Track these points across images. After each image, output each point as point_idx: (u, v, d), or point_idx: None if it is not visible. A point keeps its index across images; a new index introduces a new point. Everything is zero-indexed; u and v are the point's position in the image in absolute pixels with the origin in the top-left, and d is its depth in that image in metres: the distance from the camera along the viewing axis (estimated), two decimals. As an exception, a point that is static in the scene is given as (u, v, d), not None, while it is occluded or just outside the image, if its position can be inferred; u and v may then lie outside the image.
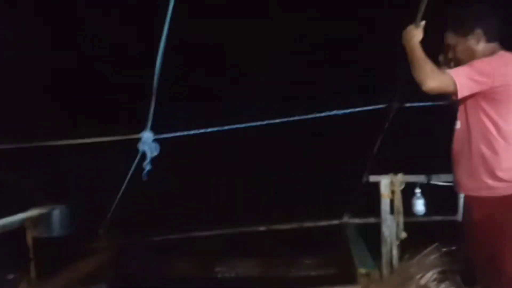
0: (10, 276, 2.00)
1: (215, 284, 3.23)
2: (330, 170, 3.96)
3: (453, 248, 2.76)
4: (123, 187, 3.26)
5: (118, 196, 3.34)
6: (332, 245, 3.56)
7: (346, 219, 3.99)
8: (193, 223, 3.95)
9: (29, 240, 2.07)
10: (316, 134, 3.79)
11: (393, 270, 2.79)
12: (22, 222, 2.06)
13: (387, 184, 2.90)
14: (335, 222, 4.00)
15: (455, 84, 1.82)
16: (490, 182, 1.90)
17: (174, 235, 3.89)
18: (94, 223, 3.50)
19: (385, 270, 2.80)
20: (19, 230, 2.10)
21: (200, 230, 3.97)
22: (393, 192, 2.89)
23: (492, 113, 1.88)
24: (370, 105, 3.48)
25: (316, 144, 4.12)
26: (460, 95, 1.85)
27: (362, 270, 2.79)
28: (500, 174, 1.89)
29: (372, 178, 3.00)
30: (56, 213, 2.21)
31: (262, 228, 3.95)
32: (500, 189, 1.89)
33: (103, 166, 3.54)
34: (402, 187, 2.91)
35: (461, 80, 1.83)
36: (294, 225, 3.96)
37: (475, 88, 1.85)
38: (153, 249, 3.73)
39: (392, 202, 2.90)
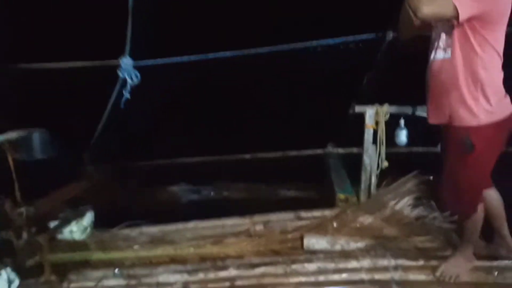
0: (-5, 196, 2.04)
1: (203, 206, 3.35)
2: (316, 100, 3.94)
3: (431, 177, 2.85)
4: (106, 114, 3.24)
5: (102, 122, 3.33)
6: (315, 172, 3.65)
7: (329, 148, 4.06)
8: (181, 150, 3.99)
9: (10, 162, 2.08)
10: (304, 63, 3.70)
11: (371, 196, 2.89)
12: (0, 145, 2.05)
13: (372, 115, 2.89)
14: (319, 151, 4.07)
15: (454, 8, 1.73)
16: (488, 107, 1.87)
17: (162, 161, 3.96)
18: (78, 148, 3.52)
19: (363, 196, 2.90)
20: (-1, 154, 2.10)
21: (188, 157, 4.03)
22: (377, 123, 2.90)
23: (487, 34, 1.81)
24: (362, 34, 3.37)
25: (304, 74, 4.05)
26: (462, 18, 1.75)
27: (340, 196, 2.89)
28: (494, 100, 1.87)
29: (358, 109, 2.98)
30: (36, 136, 2.19)
31: (247, 156, 4.02)
32: (495, 114, 1.88)
33: (85, 93, 3.47)
34: (387, 118, 2.90)
35: (461, 2, 1.73)
36: (278, 154, 4.02)
37: (476, 10, 1.75)
38: (141, 174, 3.81)
39: (375, 132, 2.92)
